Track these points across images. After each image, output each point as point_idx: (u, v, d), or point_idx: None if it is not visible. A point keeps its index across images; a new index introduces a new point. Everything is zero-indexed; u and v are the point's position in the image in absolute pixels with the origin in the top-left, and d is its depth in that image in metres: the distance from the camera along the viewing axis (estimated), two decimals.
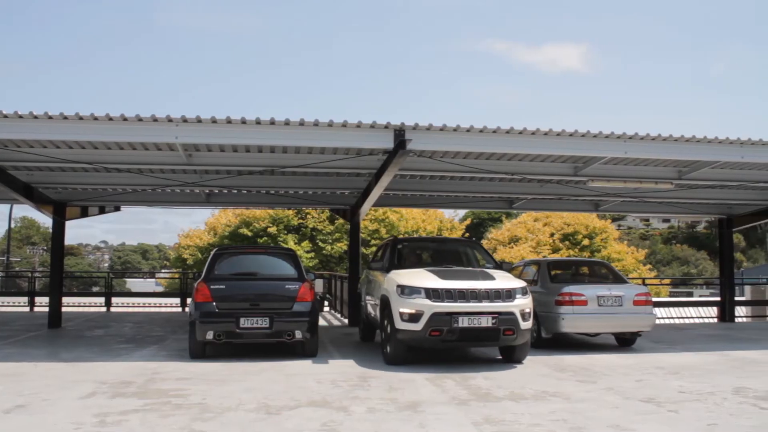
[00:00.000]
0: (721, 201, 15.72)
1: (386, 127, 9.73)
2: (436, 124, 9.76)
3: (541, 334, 11.42)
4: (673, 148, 10.71)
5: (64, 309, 15.87)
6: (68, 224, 15.76)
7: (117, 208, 17.97)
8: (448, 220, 36.17)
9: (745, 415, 6.57)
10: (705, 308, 19.67)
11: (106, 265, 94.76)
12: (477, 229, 54.40)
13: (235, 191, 14.84)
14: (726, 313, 17.96)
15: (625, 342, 11.92)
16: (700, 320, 18.70)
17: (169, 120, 9.27)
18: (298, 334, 9.82)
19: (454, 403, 6.97)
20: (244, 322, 9.65)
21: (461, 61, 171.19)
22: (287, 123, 9.50)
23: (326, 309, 20.07)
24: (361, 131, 9.83)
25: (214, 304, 9.75)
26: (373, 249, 27.98)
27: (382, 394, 7.43)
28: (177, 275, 27.35)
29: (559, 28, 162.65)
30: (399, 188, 14.14)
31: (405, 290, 9.22)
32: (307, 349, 10.12)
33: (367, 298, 11.69)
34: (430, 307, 8.97)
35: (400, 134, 9.73)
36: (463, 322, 8.94)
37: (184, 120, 9.28)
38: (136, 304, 21.81)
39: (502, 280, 9.65)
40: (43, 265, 58.54)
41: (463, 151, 10.97)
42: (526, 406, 6.84)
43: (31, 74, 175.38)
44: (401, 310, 9.11)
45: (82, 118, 9.14)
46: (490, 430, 5.93)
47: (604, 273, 12.90)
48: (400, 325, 9.11)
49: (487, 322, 9.01)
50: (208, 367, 9.08)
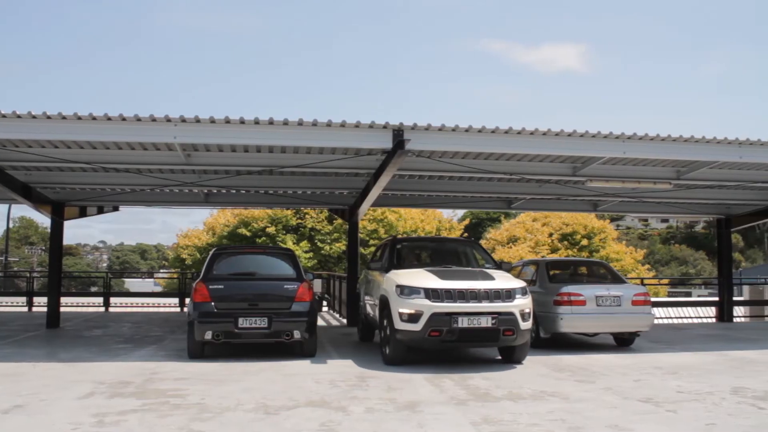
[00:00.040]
0: (719, 201, 15.74)
1: (385, 127, 9.72)
2: (434, 124, 9.76)
3: (540, 334, 11.42)
4: (672, 148, 10.72)
5: (62, 309, 15.84)
6: (67, 224, 15.74)
7: (115, 208, 17.94)
8: (447, 220, 36.18)
9: (744, 415, 6.58)
10: (703, 308, 19.68)
11: (105, 265, 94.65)
12: (476, 229, 54.43)
13: (234, 191, 14.84)
14: (724, 313, 17.98)
15: (623, 342, 11.92)
16: (699, 320, 18.71)
17: (168, 120, 9.26)
18: (297, 334, 9.82)
19: (453, 403, 6.97)
20: (243, 322, 9.64)
21: (460, 61, 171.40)
22: (286, 123, 9.50)
23: (325, 309, 20.06)
24: (360, 131, 9.82)
25: (213, 304, 9.75)
26: (372, 249, 27.99)
27: (381, 394, 7.43)
28: (175, 275, 27.32)
29: (557, 28, 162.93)
30: (398, 188, 14.13)
31: (404, 290, 9.19)
32: (306, 349, 10.12)
33: (366, 298, 11.68)
34: (429, 307, 8.93)
35: (399, 134, 9.73)
36: (463, 323, 8.90)
37: (183, 120, 9.27)
38: (135, 304, 21.79)
39: (502, 280, 9.63)
40: (41, 265, 58.42)
41: (462, 151, 10.97)
42: (525, 406, 6.85)
43: (31, 74, 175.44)
44: (400, 311, 9.08)
45: (80, 118, 9.14)
46: (488, 429, 5.93)
47: (603, 273, 12.90)
48: (400, 325, 9.08)
49: (486, 323, 8.97)
50: (206, 367, 9.08)
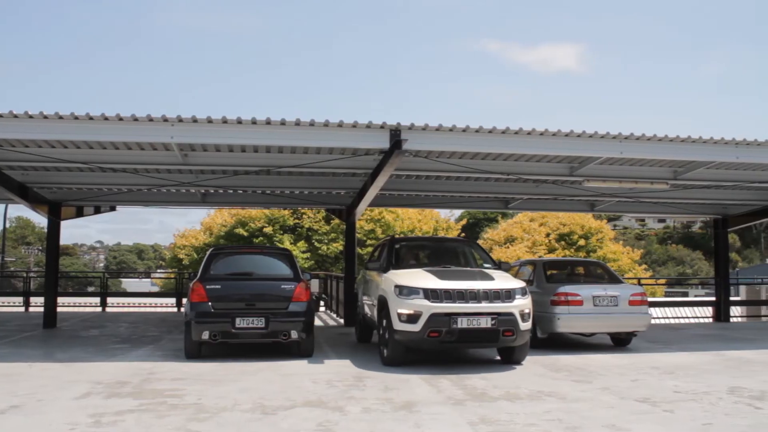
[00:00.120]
0: (716, 201, 15.76)
1: (382, 127, 9.72)
2: (431, 124, 9.76)
3: (537, 334, 11.40)
4: (669, 149, 10.73)
5: (59, 309, 15.82)
6: (63, 224, 15.71)
7: (112, 208, 17.91)
8: (444, 220, 36.23)
9: (740, 415, 6.59)
10: (700, 308, 19.73)
11: (102, 265, 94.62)
12: (473, 229, 54.43)
13: (231, 191, 14.82)
14: (721, 313, 18.00)
15: (620, 342, 11.94)
16: (696, 320, 18.76)
17: (165, 120, 9.25)
18: (294, 334, 9.81)
19: (450, 403, 6.97)
20: (240, 322, 9.63)
21: (458, 61, 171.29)
22: (283, 123, 9.49)
23: (322, 309, 20.06)
24: (357, 131, 9.82)
25: (210, 304, 9.73)
26: (369, 249, 27.99)
27: (378, 394, 7.42)
28: (172, 275, 27.32)
29: (554, 28, 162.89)
30: (395, 188, 14.14)
31: (403, 291, 9.12)
32: (303, 349, 10.11)
33: (364, 298, 11.64)
34: (428, 307, 8.86)
35: (396, 134, 9.73)
36: (462, 323, 8.83)
37: (180, 120, 9.26)
38: (132, 304, 21.77)
39: (502, 281, 9.56)
40: (38, 265, 58.36)
41: (459, 152, 10.98)
42: (522, 406, 6.85)
43: (31, 74, 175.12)
44: (399, 311, 9.02)
45: (77, 118, 9.12)
46: (485, 429, 5.93)
47: (600, 273, 12.91)
48: (398, 326, 9.01)
49: (486, 323, 8.90)
50: (203, 367, 9.06)
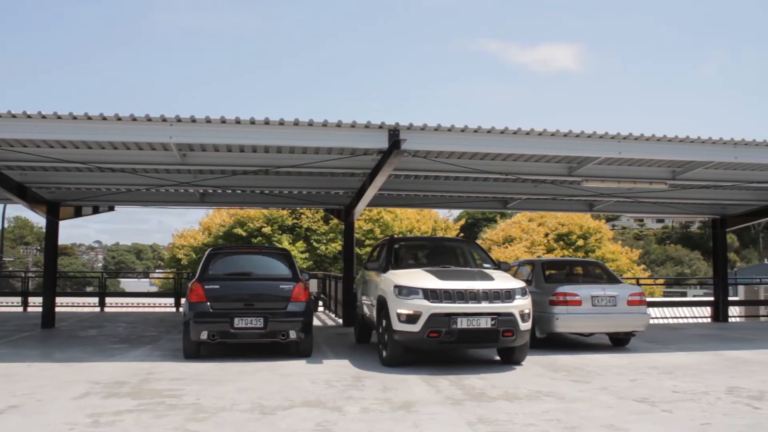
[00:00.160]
0: (714, 201, 15.77)
1: (381, 127, 9.72)
2: (430, 124, 9.76)
3: (536, 334, 11.39)
4: (667, 149, 10.74)
5: (57, 309, 15.81)
6: (62, 224, 15.70)
7: (111, 208, 17.90)
8: (443, 220, 36.24)
9: (739, 415, 6.59)
10: (699, 308, 19.75)
11: (100, 265, 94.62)
12: (471, 229, 54.45)
13: (230, 191, 14.82)
14: (720, 313, 18.01)
15: (619, 342, 11.94)
16: (694, 320, 18.77)
17: (164, 120, 9.24)
18: (293, 334, 9.81)
19: (449, 403, 6.97)
20: (239, 322, 9.63)
21: (457, 61, 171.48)
22: (282, 123, 9.49)
23: (320, 309, 20.06)
24: (356, 131, 9.81)
25: (209, 304, 9.73)
26: (368, 249, 27.97)
27: (377, 394, 7.42)
28: (171, 275, 27.30)
29: (553, 28, 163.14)
30: (393, 188, 14.13)
31: (402, 291, 9.08)
32: (302, 349, 10.10)
33: (363, 298, 11.61)
34: (428, 308, 8.81)
35: (395, 134, 9.72)
36: (462, 324, 8.78)
37: (179, 120, 9.25)
38: (130, 304, 21.75)
39: (501, 281, 9.51)
40: (36, 265, 58.33)
41: (458, 151, 10.97)
42: (520, 406, 6.85)
43: (31, 74, 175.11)
44: (399, 311, 8.97)
45: (75, 118, 9.12)
46: (484, 429, 5.93)
47: (598, 273, 12.91)
48: (398, 326, 8.97)
49: (486, 324, 8.85)
50: (202, 368, 9.06)
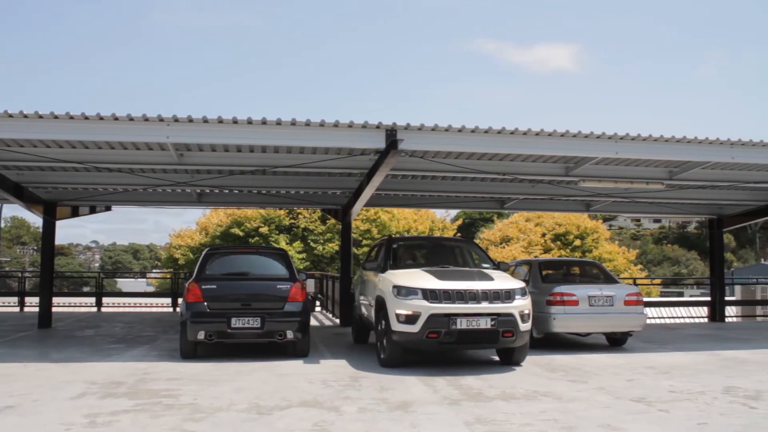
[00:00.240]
0: (711, 201, 15.79)
1: (378, 127, 9.72)
2: (427, 124, 9.75)
3: (533, 334, 11.38)
4: (664, 149, 10.75)
5: (54, 309, 15.77)
6: (59, 224, 15.68)
7: (108, 208, 17.89)
8: (440, 220, 36.26)
9: (735, 415, 6.60)
10: (695, 308, 19.77)
11: (97, 265, 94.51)
12: (469, 229, 54.49)
13: (227, 191, 14.81)
14: (716, 313, 18.03)
15: (616, 342, 11.95)
16: (691, 320, 18.79)
17: (161, 119, 9.22)
18: (290, 334, 9.80)
19: (446, 403, 6.97)
20: (236, 322, 9.62)
21: (455, 61, 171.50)
22: (279, 123, 9.47)
23: (318, 309, 20.06)
24: (353, 131, 9.81)
25: (206, 304, 9.72)
26: (365, 249, 27.99)
27: (374, 394, 7.42)
28: (168, 275, 27.28)
29: (550, 29, 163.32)
30: (391, 188, 14.13)
31: (401, 291, 9.01)
32: (299, 349, 10.10)
33: (361, 298, 11.55)
34: (427, 308, 8.75)
35: (392, 134, 9.72)
36: (462, 324, 8.71)
37: (176, 120, 9.23)
38: (127, 304, 21.74)
39: (501, 281, 9.44)
40: (33, 265, 58.23)
41: (455, 151, 10.97)
42: (518, 406, 6.85)
43: (31, 74, 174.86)
44: (397, 312, 8.91)
45: (72, 118, 9.10)
46: (481, 429, 5.94)
47: (595, 273, 12.92)
48: (397, 326, 8.91)
49: (486, 324, 8.78)
50: (199, 368, 9.05)
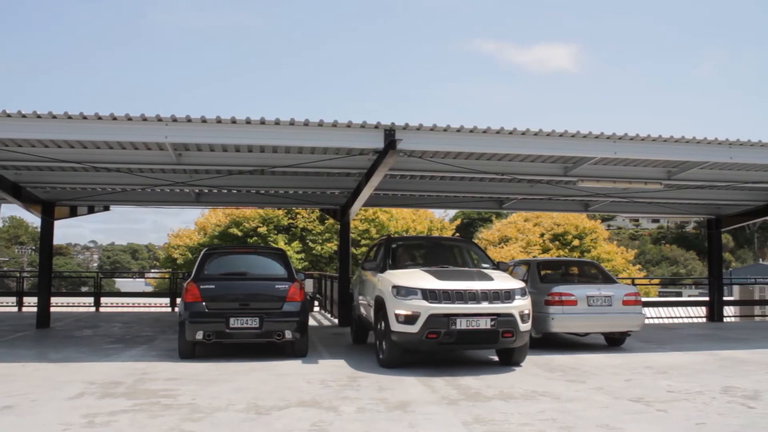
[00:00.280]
0: (709, 201, 15.81)
1: (376, 127, 9.71)
2: (426, 124, 9.75)
3: (531, 334, 11.42)
4: (663, 149, 10.76)
5: (52, 309, 15.76)
6: (57, 224, 15.66)
7: (106, 208, 17.87)
8: (439, 220, 36.25)
9: (734, 414, 6.61)
10: (694, 308, 19.76)
11: (96, 264, 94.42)
12: (467, 229, 54.52)
13: (225, 191, 14.80)
14: (715, 313, 18.05)
15: (614, 342, 11.96)
16: (689, 320, 18.79)
17: (159, 119, 9.21)
18: (288, 334, 9.80)
19: (444, 403, 6.97)
20: (234, 322, 9.62)
21: (454, 61, 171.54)
22: (277, 123, 9.47)
23: (316, 309, 20.05)
24: (352, 131, 9.80)
25: (204, 304, 9.72)
26: (364, 249, 28.00)
27: (372, 394, 7.42)
28: (166, 275, 27.25)
29: (549, 29, 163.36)
30: (389, 188, 14.13)
31: (401, 291, 8.98)
32: (297, 349, 10.10)
33: (360, 298, 11.54)
34: (427, 308, 8.71)
35: (391, 134, 9.71)
36: (461, 324, 8.67)
37: (174, 119, 9.22)
38: (126, 304, 21.71)
39: (501, 281, 9.41)
40: (31, 265, 58.14)
41: (453, 152, 10.97)
42: (516, 406, 6.86)
43: (31, 74, 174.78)
44: (397, 312, 8.88)
45: (71, 117, 9.08)
46: (479, 429, 5.94)
47: (594, 273, 12.93)
48: (396, 327, 8.87)
49: (485, 324, 8.74)
50: (197, 368, 9.05)
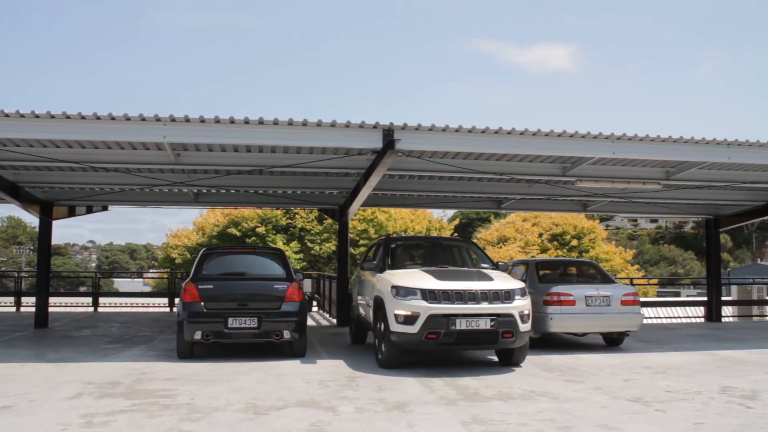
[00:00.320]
0: (708, 201, 15.82)
1: (375, 127, 9.70)
2: (424, 124, 9.74)
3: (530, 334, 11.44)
4: (661, 149, 10.76)
5: (50, 309, 15.74)
6: (55, 224, 15.64)
7: (105, 208, 17.84)
8: (437, 220, 36.25)
9: (732, 414, 6.62)
10: (692, 308, 19.79)
11: (94, 264, 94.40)
12: (466, 229, 54.53)
13: (224, 191, 14.79)
14: (713, 313, 18.06)
15: (612, 342, 11.97)
16: (687, 320, 18.81)
17: (157, 119, 9.20)
18: (287, 334, 9.80)
19: (443, 403, 6.98)
20: (233, 322, 9.61)
21: (454, 61, 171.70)
22: (276, 123, 9.46)
23: (315, 309, 20.05)
24: (350, 131, 9.80)
25: (202, 304, 9.72)
26: (362, 249, 28.00)
27: (371, 394, 7.42)
28: (165, 275, 27.23)
29: (548, 29, 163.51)
30: (388, 188, 14.12)
31: (400, 291, 8.95)
32: (296, 349, 10.09)
33: (359, 298, 11.52)
34: (426, 308, 8.67)
35: (389, 134, 9.71)
36: (461, 325, 8.63)
37: (172, 119, 9.21)
38: (124, 304, 21.69)
39: (501, 281, 9.38)
40: (29, 265, 58.11)
41: (452, 151, 10.97)
42: (514, 406, 6.86)
43: (31, 74, 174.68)
44: (396, 312, 8.84)
45: (69, 117, 9.07)
46: (478, 429, 5.94)
47: (592, 273, 12.94)
48: (395, 327, 8.84)
49: (485, 325, 8.70)
50: (196, 368, 9.04)
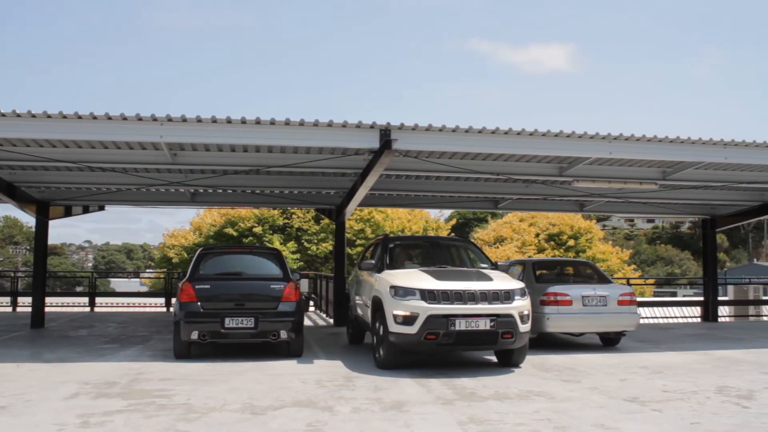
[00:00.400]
0: (704, 201, 15.85)
1: (372, 126, 9.71)
2: (421, 124, 9.75)
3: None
4: (658, 149, 10.77)
5: (47, 309, 15.73)
6: (52, 224, 15.61)
7: (101, 208, 17.80)
8: (434, 220, 36.25)
9: (728, 414, 6.63)
10: (689, 308, 19.82)
11: (90, 264, 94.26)
12: (463, 229, 54.53)
13: (221, 191, 14.77)
14: (709, 313, 18.10)
15: (609, 342, 11.98)
16: (684, 320, 18.84)
17: (154, 119, 9.19)
18: (283, 334, 9.79)
19: (440, 403, 6.98)
20: (229, 322, 9.61)
21: (450, 61, 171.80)
22: (273, 123, 9.45)
23: (312, 309, 20.04)
24: (347, 131, 9.79)
25: (199, 304, 9.70)
26: (359, 249, 28.00)
27: (368, 394, 7.42)
28: (162, 275, 27.20)
29: (544, 28, 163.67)
30: (385, 188, 14.12)
31: (399, 291, 8.90)
32: (292, 349, 10.09)
33: (357, 299, 11.47)
34: (425, 309, 8.62)
35: (386, 134, 9.71)
36: (460, 325, 8.59)
37: (169, 119, 9.20)
38: (121, 304, 21.66)
39: (500, 281, 9.33)
40: (26, 265, 58.02)
41: (449, 151, 10.97)
42: (511, 406, 6.86)
43: (29, 73, 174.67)
44: (395, 312, 8.80)
45: (66, 117, 9.06)
46: (475, 429, 5.94)
47: (589, 273, 12.95)
48: (394, 327, 8.80)
49: (485, 325, 8.66)
50: (192, 368, 9.03)
